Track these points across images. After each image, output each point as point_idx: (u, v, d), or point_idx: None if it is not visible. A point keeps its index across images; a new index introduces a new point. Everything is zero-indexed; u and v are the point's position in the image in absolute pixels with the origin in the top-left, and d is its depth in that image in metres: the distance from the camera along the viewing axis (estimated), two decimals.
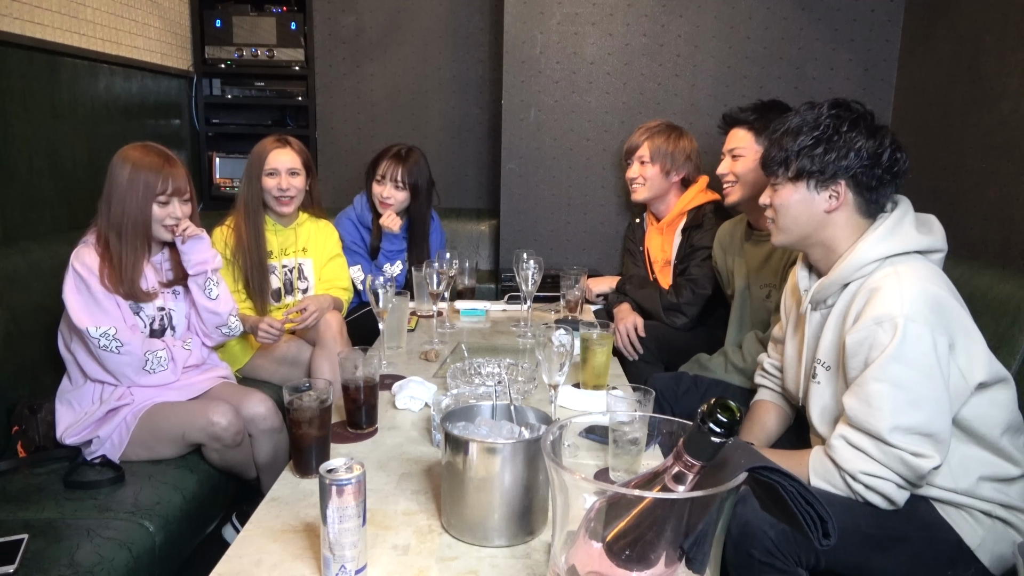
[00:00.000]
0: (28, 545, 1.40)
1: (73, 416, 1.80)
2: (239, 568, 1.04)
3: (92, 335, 1.74)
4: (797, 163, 1.42)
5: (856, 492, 1.29)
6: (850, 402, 1.30)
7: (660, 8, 2.95)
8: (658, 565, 0.74)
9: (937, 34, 2.63)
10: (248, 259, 2.31)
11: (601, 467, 1.37)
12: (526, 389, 1.62)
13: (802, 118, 1.43)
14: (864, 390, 1.28)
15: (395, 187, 2.65)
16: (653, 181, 2.56)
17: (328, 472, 0.97)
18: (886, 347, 1.25)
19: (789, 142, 1.42)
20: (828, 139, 1.39)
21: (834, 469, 1.31)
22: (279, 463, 1.89)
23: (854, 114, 1.41)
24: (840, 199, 1.41)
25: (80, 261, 1.77)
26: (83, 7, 2.51)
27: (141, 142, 1.88)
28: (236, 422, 1.78)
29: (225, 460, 1.83)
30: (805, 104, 1.46)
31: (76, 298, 1.76)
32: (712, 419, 0.73)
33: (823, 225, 1.43)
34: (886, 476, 1.26)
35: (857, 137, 1.38)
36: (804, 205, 1.44)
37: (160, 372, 1.85)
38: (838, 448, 1.30)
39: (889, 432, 1.24)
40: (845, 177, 1.39)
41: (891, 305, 1.27)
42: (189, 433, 1.77)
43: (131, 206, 1.82)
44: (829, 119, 1.40)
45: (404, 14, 3.47)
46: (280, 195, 2.34)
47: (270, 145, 2.36)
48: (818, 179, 1.41)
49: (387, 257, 2.69)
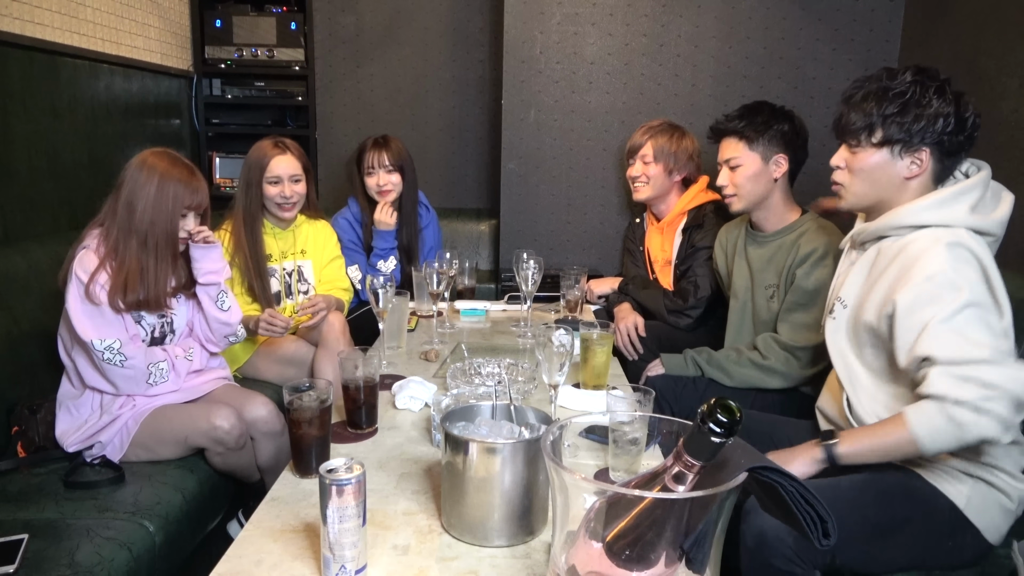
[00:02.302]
0: (28, 545, 1.40)
1: (72, 423, 1.79)
2: (239, 568, 1.04)
3: (96, 348, 1.71)
4: (884, 130, 1.42)
5: (965, 423, 1.22)
6: (936, 345, 1.27)
7: (660, 8, 2.95)
8: (658, 565, 0.74)
9: (937, 34, 2.63)
10: (248, 264, 2.30)
11: (601, 467, 1.37)
12: (526, 389, 1.62)
13: (884, 84, 1.42)
14: (945, 332, 1.26)
15: (386, 172, 2.68)
16: (656, 180, 2.55)
17: (328, 472, 0.97)
18: (950, 298, 1.27)
19: (872, 107, 1.42)
20: (917, 105, 1.39)
21: (933, 406, 1.24)
22: (282, 465, 1.88)
23: (938, 81, 1.41)
24: (922, 166, 1.42)
25: (84, 270, 1.72)
26: (83, 7, 2.51)
27: (162, 148, 1.85)
28: (239, 425, 1.78)
29: (227, 463, 1.83)
30: (882, 69, 1.46)
31: (81, 308, 1.71)
32: (712, 419, 0.73)
33: (898, 190, 1.45)
34: (1001, 397, 1.21)
35: (943, 105, 1.38)
36: (884, 170, 1.44)
37: (162, 383, 1.83)
38: (949, 385, 1.24)
39: (992, 354, 1.24)
40: (930, 144, 1.40)
41: (938, 261, 1.30)
42: (192, 437, 1.77)
43: (160, 217, 1.78)
44: (915, 85, 1.40)
45: (404, 14, 3.47)
46: (283, 202, 2.34)
47: (270, 151, 2.33)
48: (904, 146, 1.41)
49: (380, 255, 2.69)
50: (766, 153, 1.98)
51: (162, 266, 1.82)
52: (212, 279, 1.93)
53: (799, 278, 1.90)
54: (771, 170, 1.99)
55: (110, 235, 1.78)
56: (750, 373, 1.96)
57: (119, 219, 1.78)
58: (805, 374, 1.90)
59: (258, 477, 1.95)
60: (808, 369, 1.89)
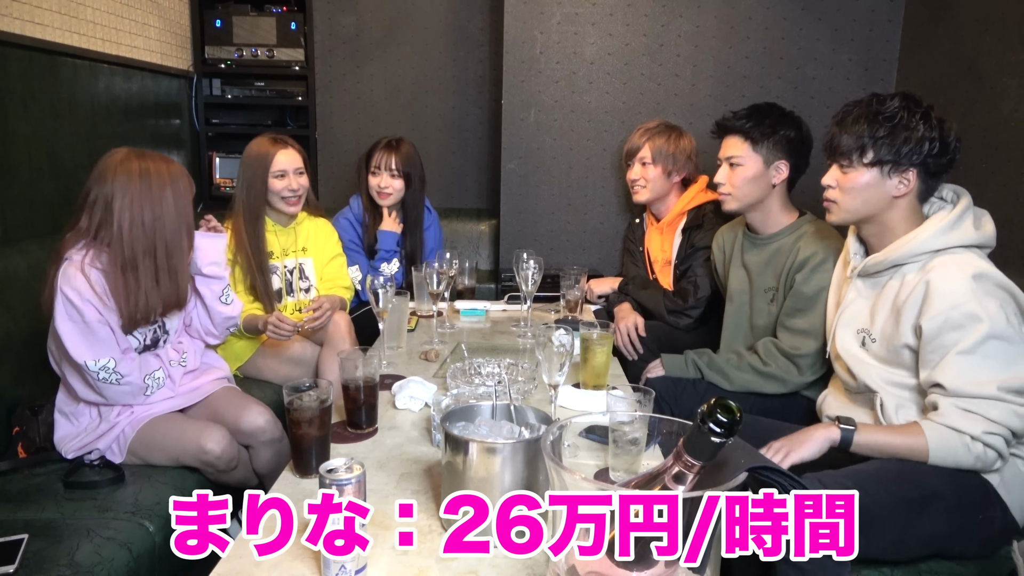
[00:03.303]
0: (28, 545, 1.39)
1: (71, 430, 1.78)
2: (239, 568, 1.04)
3: (91, 369, 1.65)
4: (875, 151, 1.52)
5: (973, 452, 1.36)
6: (949, 376, 1.40)
7: (660, 8, 2.94)
8: (658, 565, 0.74)
9: (937, 34, 2.63)
10: (251, 263, 2.28)
11: (601, 467, 1.37)
12: (526, 389, 1.62)
13: (874, 108, 1.53)
14: (960, 364, 1.39)
15: (391, 175, 2.67)
16: (655, 182, 2.55)
17: (328, 472, 0.97)
18: (971, 327, 1.38)
19: (864, 130, 1.52)
20: (905, 128, 1.49)
21: (954, 435, 1.38)
22: (280, 469, 1.87)
23: (923, 107, 1.52)
24: (909, 186, 1.52)
25: (70, 286, 1.61)
26: (83, 7, 2.51)
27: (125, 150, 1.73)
28: (229, 449, 1.74)
29: (220, 480, 1.80)
30: (871, 95, 1.56)
31: (70, 327, 1.63)
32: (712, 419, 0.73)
33: (886, 208, 1.55)
34: (1001, 432, 1.36)
35: (928, 129, 1.49)
36: (874, 189, 1.54)
37: (158, 391, 1.82)
38: (955, 416, 1.38)
39: (998, 392, 1.36)
40: (916, 165, 1.50)
41: (962, 291, 1.40)
42: (183, 458, 1.75)
43: (181, 218, 1.74)
44: (903, 110, 1.50)
45: (404, 14, 3.46)
46: (291, 195, 2.32)
47: (271, 146, 2.31)
48: (893, 167, 1.51)
49: (384, 257, 2.69)
50: (769, 157, 1.96)
51: (181, 265, 1.76)
52: (215, 271, 1.89)
53: (798, 283, 1.89)
54: (771, 175, 1.97)
55: (109, 252, 1.67)
56: (750, 378, 1.95)
57: (133, 234, 1.67)
58: (805, 381, 1.89)
59: (256, 483, 1.93)
60: (808, 376, 1.88)
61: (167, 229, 1.72)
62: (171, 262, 1.74)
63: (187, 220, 1.78)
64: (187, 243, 1.79)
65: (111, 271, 1.68)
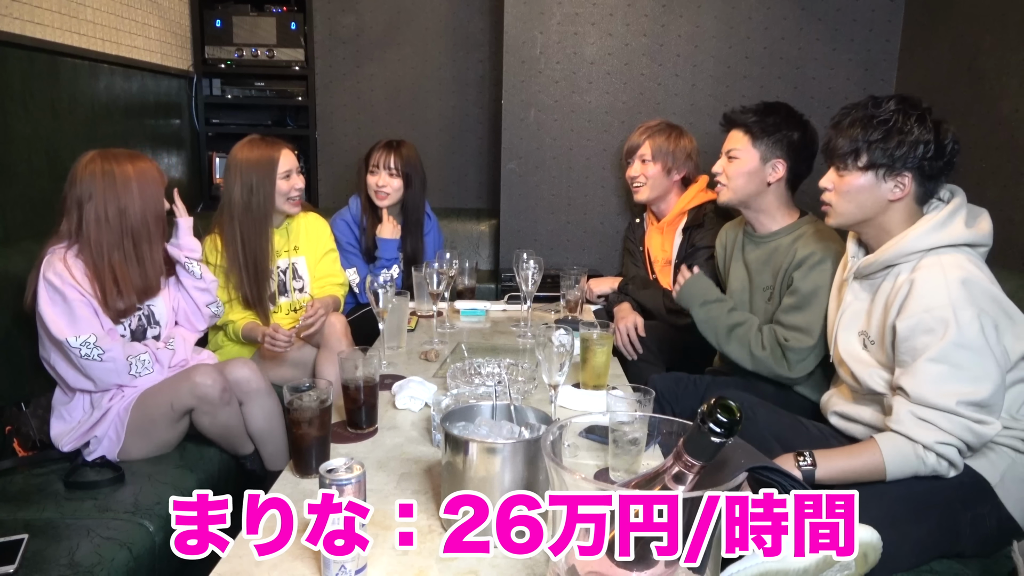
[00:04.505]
0: (28, 545, 1.40)
1: (65, 426, 1.80)
2: (239, 568, 1.04)
3: (72, 345, 1.71)
4: (869, 155, 1.51)
5: (927, 463, 1.37)
6: (913, 382, 1.40)
7: (660, 8, 2.95)
8: (658, 565, 0.74)
9: (937, 34, 2.63)
10: (248, 270, 2.24)
11: (601, 467, 1.37)
12: (526, 389, 1.62)
13: (870, 112, 1.52)
14: (926, 371, 1.38)
15: (389, 175, 2.65)
16: (655, 180, 2.55)
17: (328, 472, 0.97)
18: (941, 333, 1.37)
19: (858, 133, 1.52)
20: (899, 133, 1.48)
21: (907, 444, 1.39)
22: (275, 433, 1.92)
23: (919, 109, 1.50)
24: (905, 189, 1.51)
25: (53, 271, 1.72)
26: (83, 7, 2.51)
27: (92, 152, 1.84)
28: (220, 379, 1.80)
29: (216, 424, 1.83)
30: (868, 97, 1.55)
31: (52, 309, 1.72)
32: (712, 419, 0.73)
33: (883, 211, 1.55)
34: (954, 443, 1.36)
35: (923, 132, 1.47)
36: (869, 192, 1.54)
37: (146, 375, 1.84)
38: (909, 424, 1.39)
39: (956, 405, 1.35)
40: (912, 169, 1.49)
41: (939, 295, 1.39)
42: (177, 401, 1.78)
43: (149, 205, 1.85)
44: (898, 113, 1.49)
45: (404, 14, 3.46)
46: (296, 195, 2.32)
47: (273, 148, 2.28)
48: (887, 170, 1.50)
49: (384, 265, 2.67)
50: (767, 154, 1.96)
51: (149, 253, 1.87)
52: (194, 256, 2.01)
53: (796, 280, 1.88)
54: (766, 172, 1.97)
55: (86, 250, 1.79)
56: (738, 352, 1.95)
57: (100, 230, 1.79)
58: (791, 376, 1.87)
59: (251, 448, 1.94)
60: (796, 372, 1.86)
61: (133, 219, 1.82)
62: (138, 251, 1.85)
63: (154, 210, 1.87)
64: (156, 231, 1.88)
65: (89, 268, 1.79)
